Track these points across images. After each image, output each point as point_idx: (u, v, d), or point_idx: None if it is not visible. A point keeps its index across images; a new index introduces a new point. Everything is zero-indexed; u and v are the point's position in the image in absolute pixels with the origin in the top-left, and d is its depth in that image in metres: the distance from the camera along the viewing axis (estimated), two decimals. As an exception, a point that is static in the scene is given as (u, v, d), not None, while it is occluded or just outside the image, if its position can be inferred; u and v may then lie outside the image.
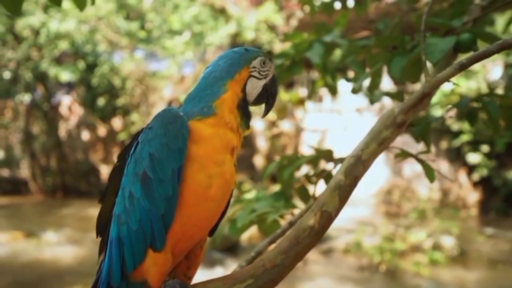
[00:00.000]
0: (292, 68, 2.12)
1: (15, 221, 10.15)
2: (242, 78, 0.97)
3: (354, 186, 0.93)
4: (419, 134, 1.80)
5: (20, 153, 12.83)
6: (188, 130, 0.88)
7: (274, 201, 2.01)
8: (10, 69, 11.39)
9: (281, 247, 0.87)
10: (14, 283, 6.74)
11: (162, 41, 12.02)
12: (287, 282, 5.25)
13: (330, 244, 9.31)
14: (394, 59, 1.40)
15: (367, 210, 11.95)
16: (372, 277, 7.77)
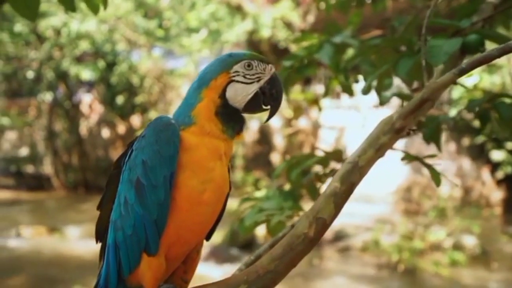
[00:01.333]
0: (302, 70, 2.10)
1: (39, 216, 10.48)
2: (219, 85, 0.95)
3: (350, 193, 0.93)
4: (429, 135, 1.77)
5: (44, 150, 13.22)
6: (179, 137, 0.90)
7: (283, 200, 2.01)
8: (33, 69, 11.72)
9: (274, 253, 0.87)
10: (38, 277, 6.96)
11: (180, 39, 12.13)
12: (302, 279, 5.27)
13: (347, 242, 9.24)
14: (401, 60, 1.38)
15: (385, 207, 11.78)
16: (390, 276, 7.68)
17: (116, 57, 11.99)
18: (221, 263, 7.96)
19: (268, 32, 11.02)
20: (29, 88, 12.50)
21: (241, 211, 2.09)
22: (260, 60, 0.98)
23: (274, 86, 0.97)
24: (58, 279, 6.74)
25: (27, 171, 13.69)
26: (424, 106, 0.93)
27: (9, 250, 8.15)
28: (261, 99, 0.97)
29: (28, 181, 13.30)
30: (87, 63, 11.88)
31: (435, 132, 1.77)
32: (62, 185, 12.97)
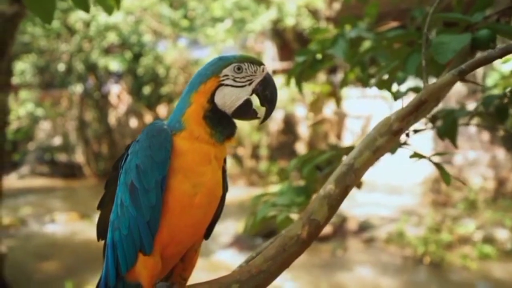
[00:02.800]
0: (315, 65, 2.07)
1: (71, 203, 10.94)
2: (207, 89, 0.94)
3: (345, 195, 0.92)
4: (444, 131, 1.72)
5: (75, 140, 13.72)
6: (171, 143, 0.92)
7: (296, 196, 2.01)
8: (64, 61, 12.11)
9: (267, 254, 0.89)
10: (71, 260, 7.30)
11: (204, 29, 12.17)
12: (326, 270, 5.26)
13: (372, 233, 9.13)
14: (410, 56, 1.34)
15: (412, 199, 11.52)
16: (415, 268, 7.55)
17: (142, 48, 12.19)
18: (243, 251, 8.06)
19: (293, 21, 10.88)
20: (61, 80, 12.93)
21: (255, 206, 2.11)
22: (251, 62, 0.96)
23: (267, 87, 0.96)
24: (89, 263, 7.03)
25: (60, 159, 14.27)
26: (423, 108, 0.91)
27: (44, 235, 8.58)
28: (252, 106, 0.96)
29: (62, 169, 13.88)
30: (115, 54, 12.15)
31: (451, 127, 1.72)
32: (93, 173, 13.44)
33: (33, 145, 14.59)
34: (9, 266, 6.26)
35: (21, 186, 12.47)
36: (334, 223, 9.43)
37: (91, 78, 12.93)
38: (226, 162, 1.04)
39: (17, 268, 6.60)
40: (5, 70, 5.87)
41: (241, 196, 10.55)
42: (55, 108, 13.87)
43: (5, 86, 5.96)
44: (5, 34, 5.65)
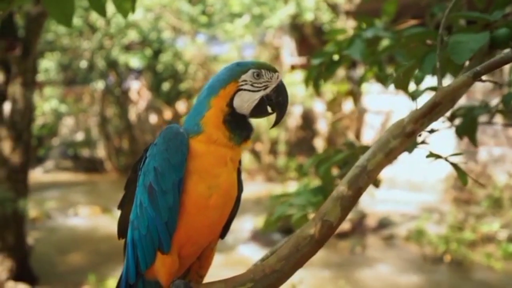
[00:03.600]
0: (332, 66, 2.07)
1: (94, 197, 11.22)
2: (227, 93, 0.98)
3: (358, 197, 0.93)
4: (463, 129, 1.70)
5: (97, 135, 14.05)
6: (187, 146, 0.95)
7: (313, 196, 2.02)
8: (86, 59, 12.39)
9: (281, 254, 0.91)
10: (93, 252, 7.50)
11: (223, 24, 12.20)
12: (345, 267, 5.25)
13: (392, 230, 9.03)
14: (427, 56, 1.32)
15: (434, 196, 11.31)
16: (436, 267, 7.42)
17: (161, 45, 12.33)
18: (262, 246, 8.11)
19: (312, 15, 10.78)
20: (83, 77, 13.25)
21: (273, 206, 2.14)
22: (267, 68, 1.00)
23: (280, 94, 1.00)
24: (110, 256, 7.21)
25: (83, 154, 14.66)
26: (437, 110, 0.91)
27: (68, 228, 8.84)
28: (266, 104, 1.00)
29: (84, 163, 14.25)
30: (135, 51, 12.34)
31: (470, 125, 1.69)
32: (114, 168, 13.74)
33: (57, 141, 15.02)
34: (35, 258, 6.50)
35: (46, 180, 12.87)
36: (353, 220, 9.36)
37: (112, 75, 13.18)
38: (241, 163, 1.07)
39: (42, 260, 6.83)
40: (30, 68, 6.07)
41: (259, 191, 10.59)
42: (77, 104, 14.23)
43: (31, 84, 6.16)
44: (30, 33, 5.83)
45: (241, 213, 5.13)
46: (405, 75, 1.53)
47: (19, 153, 5.88)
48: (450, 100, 0.92)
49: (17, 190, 5.91)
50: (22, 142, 5.93)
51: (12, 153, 5.83)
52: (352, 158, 1.90)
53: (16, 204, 5.80)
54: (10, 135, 5.81)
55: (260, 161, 13.51)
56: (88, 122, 14.48)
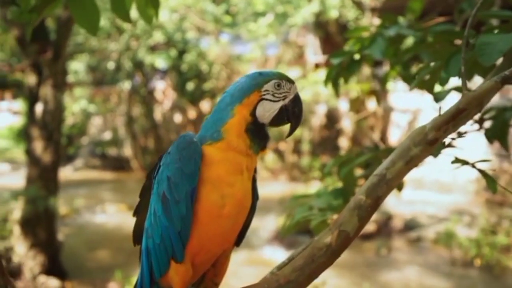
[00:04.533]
0: (353, 66, 2.02)
1: (120, 195, 11.50)
2: (251, 102, 0.99)
3: (376, 207, 0.90)
4: (493, 133, 1.62)
5: (124, 134, 14.38)
6: (200, 155, 0.95)
7: (333, 198, 1.98)
8: (114, 60, 12.70)
9: (296, 264, 0.89)
10: (120, 249, 7.68)
11: (247, 24, 12.22)
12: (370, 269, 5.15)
13: (419, 233, 8.80)
14: (452, 58, 1.27)
15: (464, 197, 10.96)
16: (466, 272, 7.18)
17: (186, 45, 12.49)
18: (285, 247, 8.09)
19: (336, 13, 10.63)
20: (110, 78, 13.60)
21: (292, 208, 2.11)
22: (287, 79, 1.03)
23: (296, 105, 1.03)
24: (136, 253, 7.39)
25: (110, 153, 15.07)
26: (462, 116, 0.86)
27: (96, 225, 9.10)
28: (285, 114, 1.02)
29: (111, 162, 14.64)
30: (160, 52, 12.55)
31: (501, 128, 1.61)
32: (140, 166, 14.03)
33: (86, 140, 15.49)
34: (65, 254, 6.72)
35: (76, 178, 13.30)
36: (378, 221, 9.19)
37: (138, 75, 13.46)
38: (256, 171, 1.07)
39: (71, 256, 7.06)
40: (60, 70, 6.27)
41: (283, 191, 10.56)
42: (105, 104, 14.63)
43: (61, 85, 6.36)
44: (61, 37, 6.03)
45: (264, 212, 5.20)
46: (430, 76, 1.47)
47: (50, 153, 6.09)
48: (477, 105, 0.87)
49: (48, 188, 6.13)
50: (53, 141, 6.14)
51: (43, 152, 6.04)
52: (375, 160, 1.85)
53: (47, 202, 6.02)
54: (41, 135, 6.03)
55: (284, 161, 13.45)
56: (115, 122, 14.86)
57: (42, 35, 5.95)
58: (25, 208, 6.00)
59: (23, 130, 11.02)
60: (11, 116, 18.10)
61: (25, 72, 6.62)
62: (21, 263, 6.07)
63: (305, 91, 11.68)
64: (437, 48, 1.52)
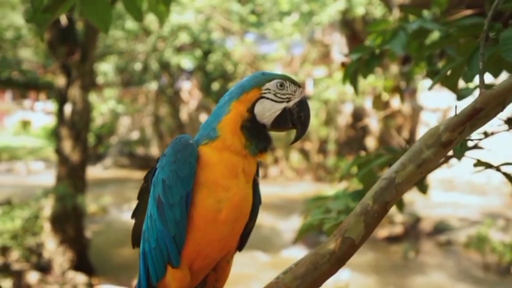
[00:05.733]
0: (372, 62, 1.93)
1: (148, 194, 11.70)
2: (249, 99, 0.95)
3: (385, 213, 0.84)
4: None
5: (151, 134, 14.69)
6: (196, 158, 0.91)
7: (352, 201, 1.92)
8: (141, 61, 12.98)
9: (297, 272, 0.85)
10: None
11: (272, 23, 12.19)
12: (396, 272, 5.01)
13: (450, 236, 8.50)
14: (475, 53, 1.18)
15: (498, 199, 10.51)
16: (500, 278, 6.86)
17: (211, 46, 12.59)
18: (309, 247, 8.00)
19: (362, 10, 10.43)
20: (138, 78, 13.91)
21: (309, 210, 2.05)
22: (292, 81, 0.98)
23: (302, 110, 0.97)
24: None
25: (138, 152, 15.41)
26: (480, 116, 0.79)
27: (122, 222, 9.30)
28: (289, 117, 0.97)
29: (139, 161, 14.97)
30: (186, 52, 12.71)
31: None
32: (167, 165, 14.25)
33: (115, 139, 15.92)
34: (92, 250, 6.91)
35: (105, 177, 13.67)
36: (406, 223, 8.94)
37: (164, 76, 13.70)
38: (258, 175, 1.02)
39: (99, 252, 7.25)
40: (88, 72, 6.45)
41: (308, 191, 10.45)
42: (133, 104, 14.97)
43: (88, 87, 6.54)
44: (88, 39, 6.19)
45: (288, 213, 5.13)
46: (453, 73, 1.38)
47: (78, 152, 6.28)
48: (496, 104, 0.80)
49: (76, 187, 6.33)
50: (81, 141, 6.33)
51: (72, 151, 6.24)
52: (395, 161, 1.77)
53: (75, 200, 6.21)
54: (70, 134, 6.23)
55: (309, 160, 13.33)
56: (142, 122, 15.19)
57: (71, 37, 6.14)
58: (55, 206, 6.21)
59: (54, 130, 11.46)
60: (45, 116, 18.85)
61: (55, 73, 6.85)
62: (51, 258, 6.29)
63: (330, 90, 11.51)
64: (461, 43, 1.43)
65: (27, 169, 14.72)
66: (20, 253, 6.23)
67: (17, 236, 6.25)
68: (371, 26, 2.08)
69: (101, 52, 10.92)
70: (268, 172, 13.81)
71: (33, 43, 10.56)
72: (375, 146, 12.16)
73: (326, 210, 1.87)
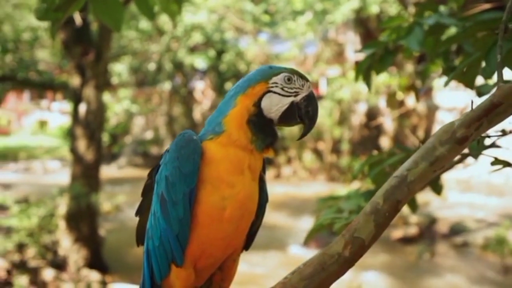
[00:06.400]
0: (386, 58, 1.88)
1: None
2: (256, 93, 0.92)
3: (396, 212, 0.81)
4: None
5: (165, 134, 14.80)
6: (200, 154, 0.89)
7: (364, 201, 1.88)
8: (155, 61, 13.10)
9: (304, 272, 0.82)
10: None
11: (285, 22, 12.15)
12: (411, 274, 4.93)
13: (466, 237, 8.34)
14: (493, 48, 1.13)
15: (517, 201, 10.26)
16: (518, 282, 6.69)
17: (224, 45, 12.62)
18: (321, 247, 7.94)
19: (377, 8, 10.30)
20: (152, 79, 14.04)
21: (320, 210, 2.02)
22: (300, 75, 0.95)
23: (310, 104, 0.95)
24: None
25: (152, 152, 15.55)
26: (498, 111, 0.75)
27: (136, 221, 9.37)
28: (296, 112, 0.94)
29: (153, 160, 15.08)
30: (199, 52, 12.77)
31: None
32: (180, 165, 14.36)
33: (129, 139, 16.10)
34: (106, 249, 6.98)
35: (120, 176, 13.83)
36: (421, 224, 8.81)
37: (178, 76, 13.79)
38: (265, 172, 0.99)
39: (112, 251, 7.32)
40: (102, 72, 6.52)
41: (321, 191, 10.37)
42: (147, 104, 15.12)
43: (102, 87, 6.62)
44: (102, 40, 6.26)
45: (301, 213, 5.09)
46: (469, 69, 1.33)
47: (92, 151, 6.35)
48: (516, 99, 0.76)
49: (91, 185, 6.41)
50: (95, 140, 6.41)
51: (86, 151, 6.32)
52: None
53: (89, 198, 6.28)
54: (84, 134, 6.31)
55: (322, 160, 13.24)
56: (156, 121, 15.32)
57: (85, 37, 6.21)
58: (69, 204, 6.30)
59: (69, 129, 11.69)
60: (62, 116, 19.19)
61: (70, 74, 6.95)
62: (66, 256, 6.38)
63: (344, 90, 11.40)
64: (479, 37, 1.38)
65: (44, 168, 15.01)
66: (36, 250, 6.34)
67: (33, 234, 6.35)
68: (385, 23, 2.03)
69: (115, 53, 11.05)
70: (281, 172, 13.77)
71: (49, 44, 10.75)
72: (390, 146, 11.99)
73: (338, 210, 1.83)
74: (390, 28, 2.00)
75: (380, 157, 1.87)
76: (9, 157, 17.22)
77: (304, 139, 9.46)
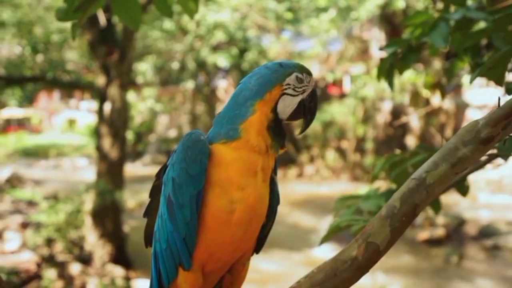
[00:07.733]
0: (409, 56, 1.81)
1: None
2: (273, 98, 0.90)
3: (413, 216, 0.76)
4: None
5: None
6: (208, 155, 0.87)
7: (384, 201, 1.81)
8: (178, 60, 13.26)
9: (315, 278, 0.78)
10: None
11: (308, 20, 12.03)
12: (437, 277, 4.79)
13: (497, 240, 8.04)
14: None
15: (553, 202, 9.81)
16: (554, 288, 6.40)
17: (247, 44, 12.62)
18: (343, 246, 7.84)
19: (403, 3, 10.04)
20: (175, 77, 14.22)
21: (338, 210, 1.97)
22: (307, 72, 0.94)
23: (313, 99, 0.95)
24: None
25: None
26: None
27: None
28: (302, 108, 0.94)
29: (176, 158, 15.34)
30: (222, 51, 12.82)
31: None
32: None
33: (154, 137, 16.38)
34: (130, 245, 7.12)
35: (144, 173, 14.09)
36: (448, 226, 8.56)
37: (201, 75, 13.91)
38: (276, 173, 0.97)
39: (136, 247, 7.46)
40: (126, 71, 6.64)
41: (344, 191, 10.22)
42: (171, 103, 15.34)
43: (126, 86, 6.75)
44: (126, 40, 6.38)
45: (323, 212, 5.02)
46: (498, 64, 1.25)
47: (116, 149, 6.49)
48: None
49: (115, 183, 6.55)
50: (119, 138, 6.54)
51: (111, 148, 6.46)
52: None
53: (114, 195, 6.42)
54: (109, 132, 6.45)
55: (346, 159, 13.05)
56: (180, 120, 15.52)
57: (110, 38, 6.34)
58: (95, 201, 6.46)
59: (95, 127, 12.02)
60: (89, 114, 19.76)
61: (96, 73, 7.12)
62: (92, 251, 6.55)
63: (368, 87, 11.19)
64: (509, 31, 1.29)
65: (72, 165, 15.48)
66: (63, 245, 6.54)
67: (61, 229, 6.56)
68: (409, 19, 1.95)
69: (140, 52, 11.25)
70: (303, 171, 13.67)
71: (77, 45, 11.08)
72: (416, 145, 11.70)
73: (357, 210, 1.78)
74: (413, 24, 1.92)
75: (402, 156, 1.80)
76: (40, 154, 17.88)
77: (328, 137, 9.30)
